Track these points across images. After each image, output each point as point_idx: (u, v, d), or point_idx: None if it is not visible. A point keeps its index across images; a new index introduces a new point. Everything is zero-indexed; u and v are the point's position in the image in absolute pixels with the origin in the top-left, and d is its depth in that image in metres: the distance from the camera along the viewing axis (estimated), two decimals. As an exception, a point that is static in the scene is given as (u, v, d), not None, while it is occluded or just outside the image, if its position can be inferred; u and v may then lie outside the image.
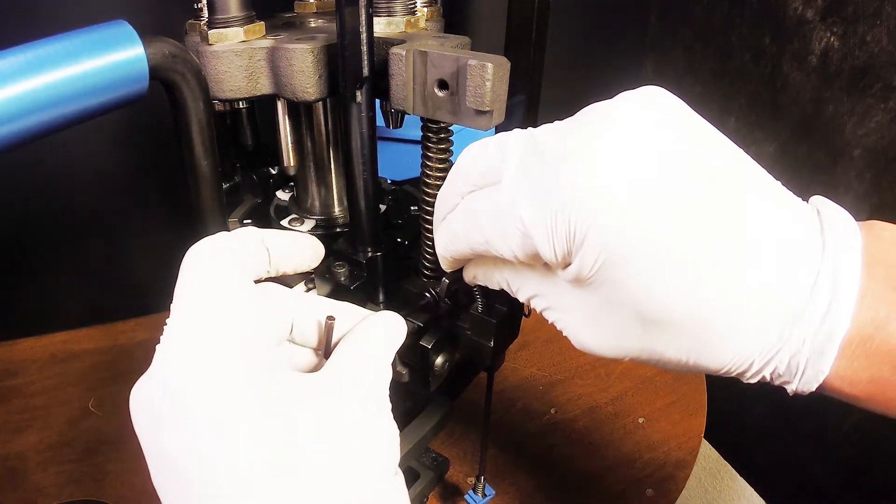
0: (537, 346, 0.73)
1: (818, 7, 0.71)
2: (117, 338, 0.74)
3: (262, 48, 0.38)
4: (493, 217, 0.27)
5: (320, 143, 0.47)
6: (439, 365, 0.38)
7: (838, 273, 0.23)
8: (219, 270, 0.24)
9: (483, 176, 0.28)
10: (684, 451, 0.60)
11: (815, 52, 0.72)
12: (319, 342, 0.28)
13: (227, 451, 0.21)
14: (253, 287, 0.26)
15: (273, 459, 0.21)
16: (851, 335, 0.23)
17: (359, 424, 0.23)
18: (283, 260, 0.29)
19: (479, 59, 0.31)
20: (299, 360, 0.29)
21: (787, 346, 0.23)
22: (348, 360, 0.25)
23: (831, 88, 0.72)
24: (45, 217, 0.71)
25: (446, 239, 0.30)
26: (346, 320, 0.28)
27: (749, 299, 0.23)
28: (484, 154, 0.28)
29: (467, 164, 0.29)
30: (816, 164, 0.76)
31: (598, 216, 0.23)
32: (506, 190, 0.26)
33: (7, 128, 0.26)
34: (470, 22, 0.83)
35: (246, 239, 0.27)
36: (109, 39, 0.29)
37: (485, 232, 0.27)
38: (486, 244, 0.27)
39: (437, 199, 0.31)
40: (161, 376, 0.22)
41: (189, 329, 0.23)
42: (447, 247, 0.31)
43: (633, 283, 0.24)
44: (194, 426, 0.21)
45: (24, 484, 0.55)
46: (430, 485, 0.49)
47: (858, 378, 0.23)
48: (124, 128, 0.70)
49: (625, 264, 0.23)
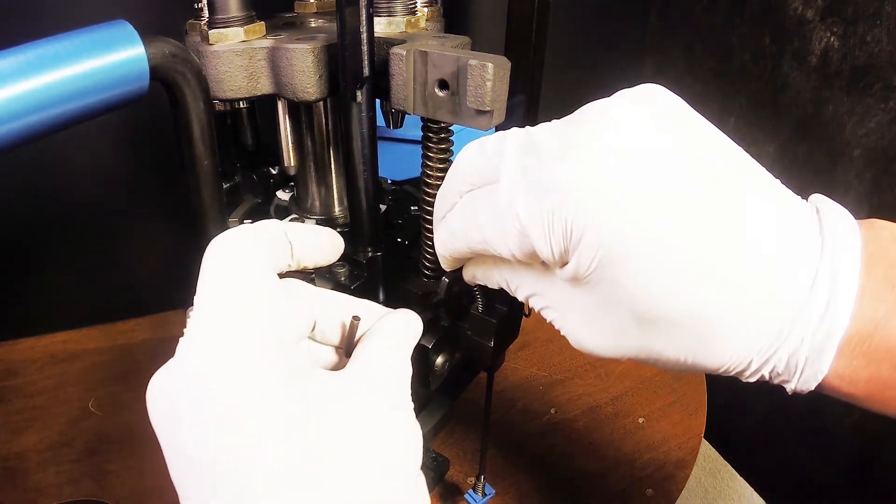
0: (537, 346, 0.73)
1: (818, 7, 0.71)
2: (117, 338, 0.74)
3: (263, 48, 0.39)
4: (491, 216, 0.27)
5: (320, 143, 0.47)
6: (439, 365, 0.38)
7: (837, 272, 0.23)
8: (243, 263, 0.24)
9: (481, 175, 0.28)
10: (684, 451, 0.60)
11: (815, 52, 0.72)
12: (341, 340, 0.28)
13: (253, 448, 0.20)
14: (276, 281, 0.25)
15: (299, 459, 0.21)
16: (850, 334, 0.23)
17: (385, 425, 0.23)
18: (305, 253, 0.28)
19: (479, 58, 0.31)
20: (320, 356, 0.29)
21: (786, 345, 0.23)
22: (373, 359, 0.25)
23: (831, 88, 0.72)
24: (45, 217, 0.71)
25: (445, 238, 0.30)
26: (365, 318, 0.28)
27: (748, 298, 0.23)
28: (482, 153, 0.28)
29: (465, 163, 0.29)
30: (816, 164, 0.76)
31: (594, 215, 0.23)
32: (503, 189, 0.26)
33: (8, 127, 0.26)
34: (470, 22, 0.83)
35: (270, 231, 0.27)
36: (110, 39, 0.29)
37: (483, 231, 0.27)
38: (485, 243, 0.28)
39: (437, 199, 0.31)
40: (184, 369, 0.22)
41: (213, 322, 0.22)
42: (446, 246, 0.31)
43: (631, 282, 0.24)
44: (218, 421, 0.21)
45: (24, 484, 0.55)
46: (430, 485, 0.50)
47: (857, 377, 0.23)
48: (124, 128, 0.70)
49: (622, 263, 0.23)
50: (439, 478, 0.52)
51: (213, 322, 0.22)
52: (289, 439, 0.21)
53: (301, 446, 0.21)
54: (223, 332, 0.22)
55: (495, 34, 0.39)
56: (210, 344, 0.22)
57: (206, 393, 0.21)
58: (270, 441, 0.20)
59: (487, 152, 0.27)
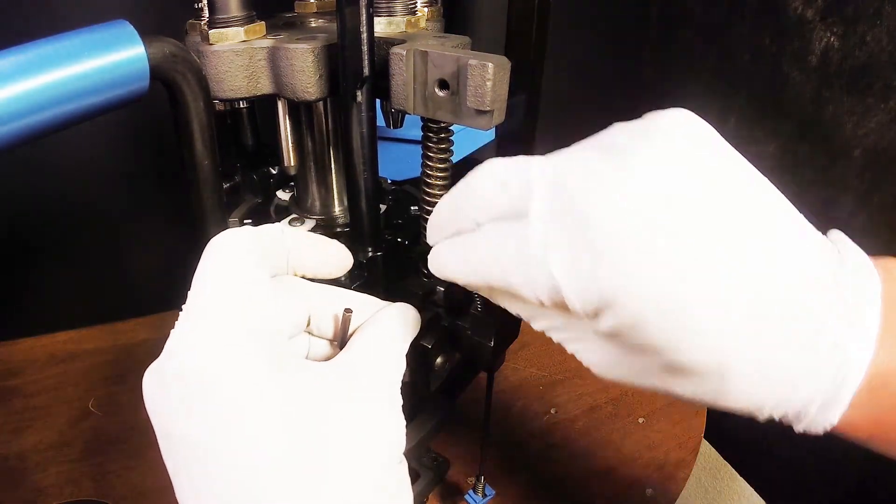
0: (537, 346, 0.73)
1: (818, 7, 0.71)
2: (117, 338, 0.74)
3: (263, 48, 0.39)
4: (517, 261, 0.25)
5: (321, 143, 0.47)
6: (439, 365, 0.38)
7: (856, 324, 0.23)
8: (235, 262, 0.25)
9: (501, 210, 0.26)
10: (684, 451, 0.60)
11: (815, 52, 0.72)
12: (335, 333, 0.28)
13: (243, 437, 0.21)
14: (269, 280, 0.26)
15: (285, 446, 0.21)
16: (862, 385, 0.23)
17: (368, 413, 0.24)
18: (299, 261, 0.28)
19: (479, 58, 0.31)
20: (315, 350, 0.29)
21: (799, 395, 0.23)
22: (362, 350, 0.26)
23: (831, 88, 0.72)
24: (45, 217, 0.71)
25: (455, 266, 0.28)
26: (362, 311, 0.28)
27: (771, 355, 0.23)
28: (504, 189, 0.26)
29: (483, 193, 0.27)
30: (816, 164, 0.76)
31: (633, 281, 0.22)
32: (533, 235, 0.25)
33: (8, 127, 0.26)
34: (470, 22, 0.83)
35: (266, 234, 0.27)
36: (110, 39, 0.29)
37: (507, 275, 0.26)
38: (506, 283, 0.26)
39: (436, 216, 0.29)
40: (174, 360, 0.22)
41: (203, 315, 0.23)
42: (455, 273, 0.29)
43: (664, 342, 0.23)
44: (208, 411, 0.21)
45: (24, 484, 0.55)
46: (430, 485, 0.50)
47: (863, 422, 0.24)
48: (124, 128, 0.70)
49: (656, 325, 0.23)
50: (439, 478, 0.52)
51: (201, 315, 0.23)
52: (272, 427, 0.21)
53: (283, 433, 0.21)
54: (211, 324, 0.23)
55: (495, 34, 0.39)
56: (198, 336, 0.22)
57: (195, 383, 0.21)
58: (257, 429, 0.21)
59: (512, 190, 0.26)
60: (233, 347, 0.22)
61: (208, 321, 0.23)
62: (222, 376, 0.21)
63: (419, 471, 0.50)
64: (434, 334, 0.37)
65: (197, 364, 0.22)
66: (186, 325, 0.23)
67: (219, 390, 0.21)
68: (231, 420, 0.21)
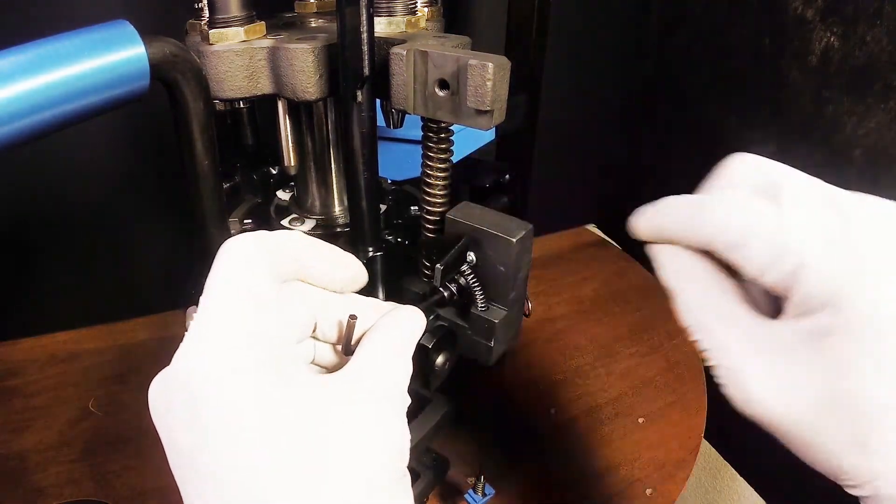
0: (537, 346, 0.73)
1: (818, 7, 0.71)
2: (117, 338, 0.74)
3: (263, 48, 0.39)
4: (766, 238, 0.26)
5: (321, 143, 0.47)
6: (439, 365, 0.38)
7: None
8: (243, 268, 0.25)
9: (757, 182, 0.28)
10: (684, 451, 0.60)
11: (815, 52, 0.72)
12: (339, 339, 0.28)
13: (240, 450, 0.21)
14: (277, 286, 0.26)
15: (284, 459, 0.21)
16: None
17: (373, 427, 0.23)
18: (306, 270, 0.28)
19: (479, 58, 0.31)
20: (322, 356, 0.29)
21: None
22: (371, 359, 0.25)
23: (831, 88, 0.72)
24: (45, 217, 0.71)
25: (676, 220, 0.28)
26: (368, 316, 0.28)
27: None
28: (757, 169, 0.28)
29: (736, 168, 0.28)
30: (816, 164, 0.76)
31: None
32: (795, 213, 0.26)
33: (8, 127, 0.26)
34: (470, 22, 0.83)
35: (275, 240, 0.27)
36: (111, 39, 0.29)
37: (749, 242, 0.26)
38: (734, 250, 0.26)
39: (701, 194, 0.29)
40: (178, 370, 0.22)
41: (209, 323, 0.23)
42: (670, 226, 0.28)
43: None
44: (207, 423, 0.21)
45: (24, 484, 0.55)
46: (430, 485, 0.49)
47: None
48: (124, 128, 0.70)
49: None
50: (439, 478, 0.52)
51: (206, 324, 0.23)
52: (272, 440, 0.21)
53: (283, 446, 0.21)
54: (215, 333, 0.23)
55: (495, 34, 0.39)
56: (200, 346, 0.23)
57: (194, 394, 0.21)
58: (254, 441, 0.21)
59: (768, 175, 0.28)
60: (235, 355, 0.22)
61: (212, 329, 0.23)
62: (224, 383, 0.21)
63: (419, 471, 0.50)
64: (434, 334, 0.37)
65: (199, 372, 0.22)
66: (193, 333, 0.23)
67: (220, 397, 0.21)
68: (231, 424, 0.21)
